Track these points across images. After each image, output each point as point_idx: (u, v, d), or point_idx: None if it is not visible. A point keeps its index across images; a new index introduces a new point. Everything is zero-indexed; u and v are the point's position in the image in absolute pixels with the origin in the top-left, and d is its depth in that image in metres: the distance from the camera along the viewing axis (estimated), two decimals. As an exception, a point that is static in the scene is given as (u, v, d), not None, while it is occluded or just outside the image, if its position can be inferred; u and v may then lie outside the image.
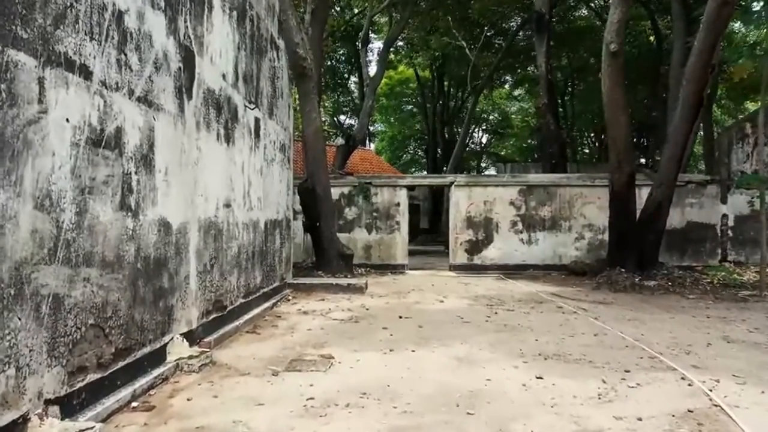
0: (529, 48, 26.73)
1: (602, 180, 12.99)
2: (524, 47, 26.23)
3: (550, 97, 15.16)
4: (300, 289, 9.51)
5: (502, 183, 13.15)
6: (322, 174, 11.75)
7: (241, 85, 6.72)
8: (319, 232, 11.70)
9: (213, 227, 5.77)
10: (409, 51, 27.85)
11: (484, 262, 13.11)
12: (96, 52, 3.57)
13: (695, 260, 12.76)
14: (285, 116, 9.31)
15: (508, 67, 28.01)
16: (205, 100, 5.52)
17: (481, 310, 7.87)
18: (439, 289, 10.27)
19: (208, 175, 5.62)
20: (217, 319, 5.87)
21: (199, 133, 5.37)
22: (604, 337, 6.05)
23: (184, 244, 5.02)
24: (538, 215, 13.08)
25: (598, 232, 12.95)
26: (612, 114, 10.02)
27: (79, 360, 3.40)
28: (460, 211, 13.18)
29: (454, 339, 5.91)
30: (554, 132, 14.88)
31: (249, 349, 5.52)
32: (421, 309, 7.95)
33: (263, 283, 7.86)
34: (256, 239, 7.47)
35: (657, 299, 8.95)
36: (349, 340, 5.84)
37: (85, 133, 3.46)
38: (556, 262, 12.94)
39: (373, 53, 28.58)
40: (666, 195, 10.12)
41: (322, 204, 11.65)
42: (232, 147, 6.38)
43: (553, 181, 13.17)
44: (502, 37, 25.54)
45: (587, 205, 12.98)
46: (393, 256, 13.29)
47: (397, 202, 13.34)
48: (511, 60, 26.29)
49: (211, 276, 5.74)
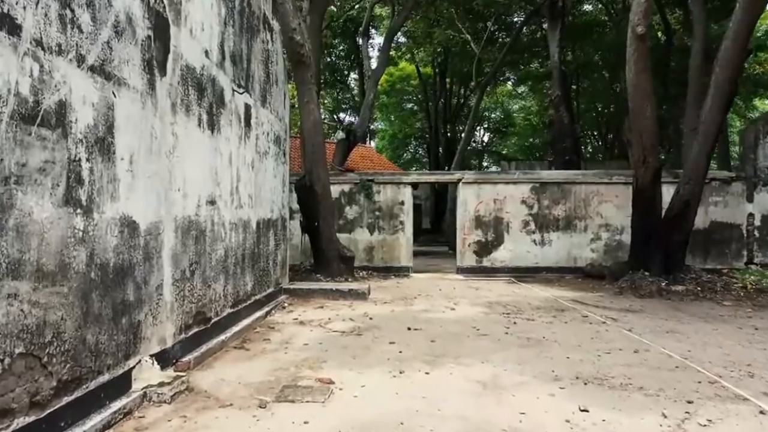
0: (534, 43, 26.07)
1: (620, 177, 12.21)
2: (528, 41, 25.52)
3: (563, 89, 14.32)
4: (297, 295, 8.70)
5: (513, 180, 12.34)
6: (321, 170, 10.95)
7: (228, 65, 5.91)
8: (318, 233, 10.90)
9: (194, 227, 4.97)
10: (411, 46, 27.04)
11: (494, 265, 12.30)
12: (26, 1, 2.77)
13: (719, 262, 11.96)
14: (280, 105, 8.51)
15: (512, 63, 27.21)
16: (183, 78, 4.72)
17: (498, 319, 7.07)
18: (447, 294, 9.47)
19: (188, 166, 4.82)
20: (198, 334, 5.07)
21: (175, 116, 4.56)
22: (646, 354, 5.25)
23: (155, 248, 4.22)
24: (552, 214, 12.28)
25: (615, 233, 12.15)
26: (637, 103, 9.21)
27: (1, 402, 2.59)
28: (468, 211, 12.37)
29: (472, 356, 5.11)
30: (568, 126, 14.04)
31: (235, 369, 4.71)
32: (431, 318, 7.15)
33: (255, 290, 7.06)
34: (247, 241, 6.67)
35: (689, 306, 8.15)
36: (351, 359, 5.03)
37: (10, 104, 2.65)
38: (571, 264, 12.14)
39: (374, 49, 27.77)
40: (694, 192, 9.32)
41: (321, 202, 10.86)
42: (217, 135, 5.57)
43: (568, 178, 12.36)
44: (506, 33, 24.78)
45: (604, 203, 12.18)
46: (397, 258, 12.48)
47: (401, 200, 12.53)
48: (515, 56, 25.49)
49: (192, 284, 4.94)
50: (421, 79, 31.62)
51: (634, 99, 9.25)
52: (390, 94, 36.42)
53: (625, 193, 12.08)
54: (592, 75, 27.29)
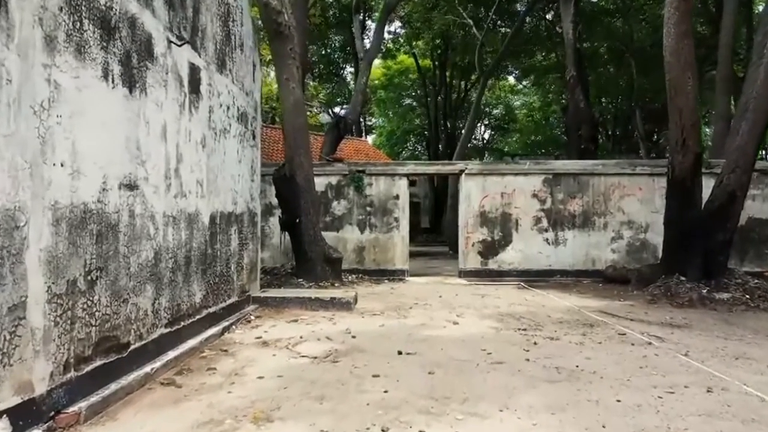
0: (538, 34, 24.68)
1: (644, 167, 10.79)
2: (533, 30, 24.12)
3: (579, 69, 12.85)
4: (268, 304, 7.27)
5: (523, 171, 10.88)
6: (304, 158, 9.51)
7: (159, 6, 4.47)
8: (300, 231, 9.47)
9: (94, 219, 3.53)
10: (410, 33, 25.62)
11: (501, 267, 10.86)
12: None
13: (758, 264, 10.53)
14: (248, 77, 7.07)
15: (515, 54, 25.77)
16: (70, 4, 3.28)
17: (514, 338, 5.63)
18: (449, 302, 8.03)
19: (83, 132, 3.38)
20: (104, 369, 3.63)
21: (53, 56, 3.12)
22: (725, 395, 3.80)
23: (9, 248, 2.78)
24: (567, 210, 10.84)
25: (639, 231, 10.72)
26: (677, 74, 7.76)
27: None
28: (472, 206, 10.93)
29: (486, 399, 3.67)
30: (585, 110, 12.53)
31: (148, 423, 3.27)
32: (429, 337, 5.71)
33: (208, 301, 5.61)
34: (194, 239, 5.22)
35: (743, 319, 6.72)
36: (316, 404, 3.59)
37: None
38: (589, 267, 10.70)
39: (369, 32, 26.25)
40: (741, 182, 7.89)
41: (304, 196, 9.42)
42: (140, 97, 4.13)
43: (585, 168, 10.90)
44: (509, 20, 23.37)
45: (626, 197, 10.74)
46: (391, 259, 11.03)
47: (395, 194, 11.08)
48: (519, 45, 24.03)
49: (91, 299, 3.50)
50: (420, 71, 30.22)
51: (673, 69, 7.79)
52: (388, 89, 35.12)
53: (650, 185, 10.68)
54: (597, 69, 25.89)
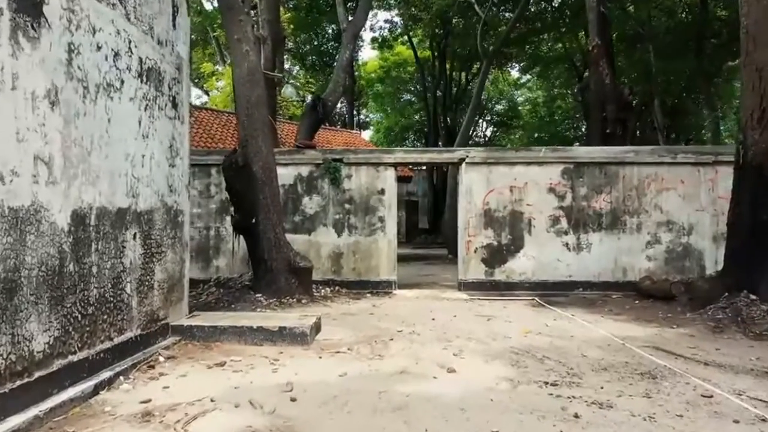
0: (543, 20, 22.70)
1: (687, 155, 8.79)
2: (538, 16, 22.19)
3: (604, 37, 10.76)
4: (194, 336, 5.28)
5: (537, 160, 8.87)
6: (262, 142, 7.55)
7: None
8: (257, 234, 7.50)
9: None
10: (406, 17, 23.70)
11: (510, 279, 8.87)
12: None
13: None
14: (161, 19, 5.09)
15: (519, 41, 23.79)
16: None
17: (539, 402, 3.64)
18: (444, 329, 6.05)
19: None
20: None
21: None
22: None
23: None
24: (591, 208, 8.84)
25: (681, 233, 8.72)
26: (759, 16, 5.74)
27: None
28: (475, 202, 8.93)
29: None
30: (611, 86, 10.47)
31: None
32: (411, 399, 3.72)
33: (68, 345, 3.63)
34: (31, 250, 3.24)
35: None
36: None
37: None
38: (619, 277, 8.71)
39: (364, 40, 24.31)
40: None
41: (262, 189, 7.47)
42: None
43: (614, 156, 8.88)
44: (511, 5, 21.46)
45: (665, 192, 8.75)
46: (374, 268, 9.03)
47: (380, 188, 9.09)
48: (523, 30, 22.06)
49: None
50: (419, 63, 28.30)
51: (753, 8, 5.78)
52: (385, 83, 33.31)
53: (695, 177, 8.70)
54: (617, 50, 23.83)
